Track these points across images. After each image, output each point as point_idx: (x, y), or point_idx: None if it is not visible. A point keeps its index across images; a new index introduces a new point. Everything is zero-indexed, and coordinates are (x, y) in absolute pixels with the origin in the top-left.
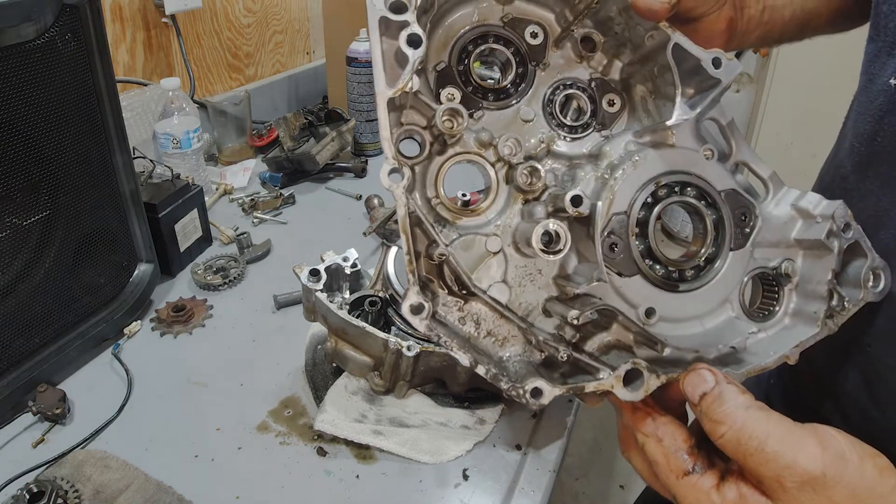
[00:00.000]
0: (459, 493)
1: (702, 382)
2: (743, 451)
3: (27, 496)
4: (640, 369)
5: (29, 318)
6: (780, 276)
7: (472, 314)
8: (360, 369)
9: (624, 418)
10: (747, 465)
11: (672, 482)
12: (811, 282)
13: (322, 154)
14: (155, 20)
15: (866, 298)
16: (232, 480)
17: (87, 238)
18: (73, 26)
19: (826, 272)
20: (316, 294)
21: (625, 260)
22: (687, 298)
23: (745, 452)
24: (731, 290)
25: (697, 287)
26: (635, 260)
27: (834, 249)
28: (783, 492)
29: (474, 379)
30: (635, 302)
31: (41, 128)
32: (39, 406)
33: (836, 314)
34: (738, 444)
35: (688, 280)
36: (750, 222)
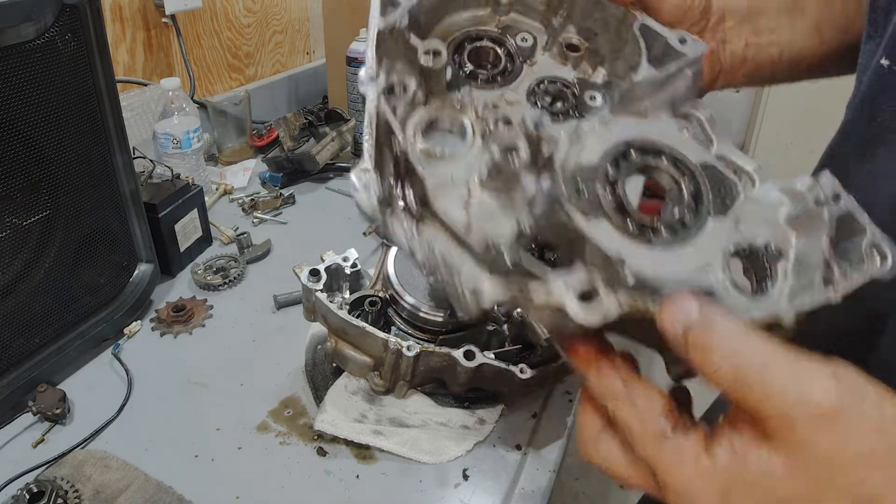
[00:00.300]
0: (459, 493)
1: (683, 312)
2: (742, 386)
3: (27, 496)
4: (597, 286)
5: (29, 318)
6: (770, 253)
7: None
8: (359, 369)
9: (589, 385)
10: (747, 403)
11: (650, 452)
12: (807, 261)
13: (322, 154)
14: (155, 20)
15: (870, 272)
16: (232, 480)
17: (87, 238)
18: (73, 26)
19: (820, 244)
20: (316, 294)
21: (591, 202)
22: (660, 255)
23: (744, 386)
24: (711, 256)
25: (672, 244)
26: (602, 205)
27: (825, 217)
28: (791, 433)
29: (475, 379)
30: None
31: (41, 128)
32: (39, 406)
33: (836, 282)
34: (736, 376)
35: (661, 236)
36: (731, 194)
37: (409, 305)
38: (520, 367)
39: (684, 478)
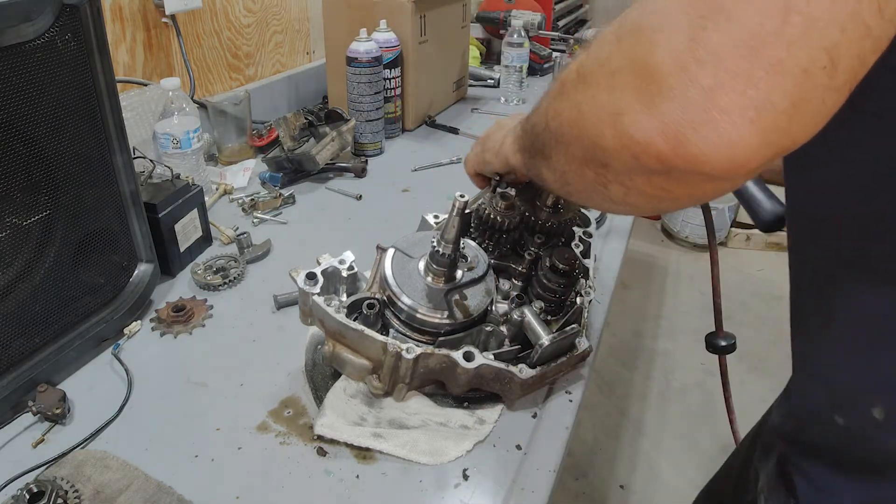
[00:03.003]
0: (459, 493)
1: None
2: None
3: (27, 496)
4: None
5: (29, 318)
6: None
7: None
8: (358, 373)
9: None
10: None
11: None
12: None
13: (322, 154)
14: (155, 20)
15: None
16: (232, 480)
17: (87, 238)
18: (73, 26)
19: None
20: (313, 298)
21: None
22: None
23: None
24: None
25: None
26: None
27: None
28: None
29: (474, 381)
30: None
31: (41, 128)
32: (39, 406)
33: None
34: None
35: None
36: None
37: (407, 307)
38: (519, 367)
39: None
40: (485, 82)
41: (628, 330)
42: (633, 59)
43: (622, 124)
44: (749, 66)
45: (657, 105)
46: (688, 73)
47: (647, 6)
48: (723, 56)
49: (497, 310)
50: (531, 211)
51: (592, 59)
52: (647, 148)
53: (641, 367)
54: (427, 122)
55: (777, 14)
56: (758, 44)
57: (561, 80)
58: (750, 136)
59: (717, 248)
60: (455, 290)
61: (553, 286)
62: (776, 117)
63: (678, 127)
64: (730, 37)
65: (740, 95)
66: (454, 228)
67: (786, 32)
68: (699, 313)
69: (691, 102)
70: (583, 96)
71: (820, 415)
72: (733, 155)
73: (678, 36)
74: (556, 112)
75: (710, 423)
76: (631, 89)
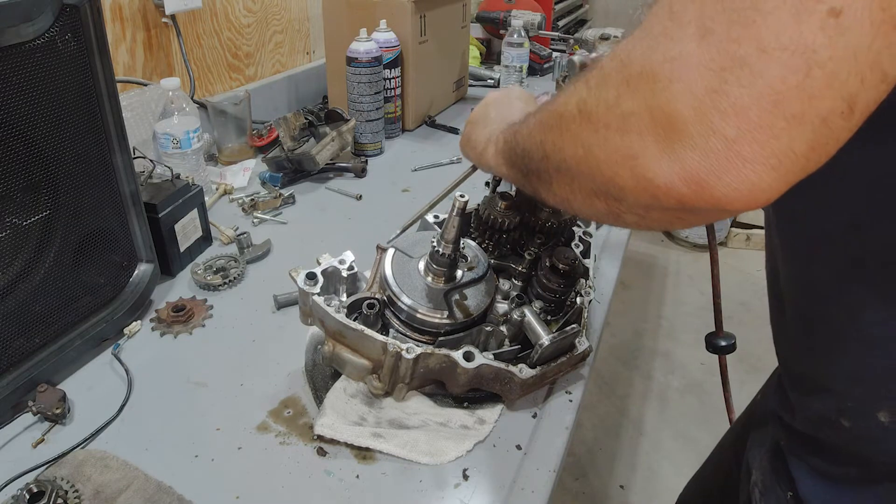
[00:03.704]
0: (459, 493)
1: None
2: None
3: (27, 496)
4: None
5: (29, 318)
6: None
7: None
8: (358, 373)
9: None
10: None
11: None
12: None
13: (322, 154)
14: (155, 20)
15: None
16: (232, 480)
17: (87, 238)
18: (73, 26)
19: None
20: (313, 298)
21: None
22: None
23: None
24: None
25: None
26: None
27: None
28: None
29: (474, 381)
30: None
31: (41, 128)
32: (39, 406)
33: None
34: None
35: None
36: None
37: (407, 307)
38: (519, 367)
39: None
40: (485, 82)
41: (628, 330)
42: (649, 106)
43: (640, 168)
44: (771, 118)
45: (677, 152)
46: (710, 124)
47: (656, 52)
48: (745, 109)
49: (497, 310)
50: (531, 211)
51: (597, 98)
52: (668, 191)
53: (641, 367)
54: (427, 122)
55: (800, 70)
56: (780, 98)
57: (557, 112)
58: (770, 179)
59: (717, 248)
60: (455, 290)
61: (553, 286)
62: (795, 161)
63: (700, 174)
64: (753, 90)
65: (762, 146)
66: (454, 228)
67: (807, 86)
68: (699, 313)
69: (713, 151)
70: (591, 137)
71: (827, 417)
72: (754, 196)
73: (699, 87)
74: (557, 147)
75: (710, 423)
76: (648, 134)
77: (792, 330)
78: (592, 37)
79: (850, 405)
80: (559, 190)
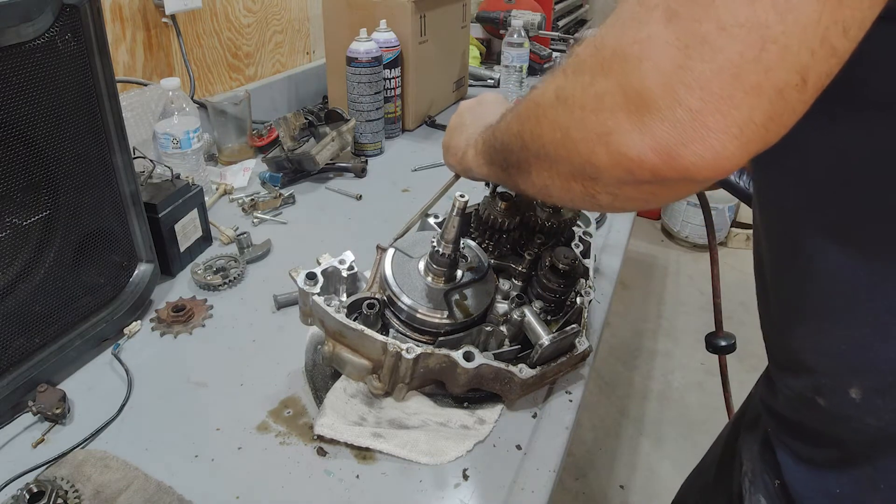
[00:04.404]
0: (459, 493)
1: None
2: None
3: (27, 496)
4: None
5: (29, 318)
6: None
7: None
8: (358, 373)
9: None
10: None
11: None
12: None
13: (322, 154)
14: (155, 20)
15: None
16: (232, 480)
17: (87, 238)
18: (73, 26)
19: None
20: (313, 298)
21: None
22: None
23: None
24: None
25: None
26: None
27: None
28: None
29: (474, 381)
30: None
31: (41, 128)
32: (39, 406)
33: None
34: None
35: None
36: None
37: (407, 307)
38: (519, 367)
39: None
40: (485, 82)
41: (628, 330)
42: (621, 84)
43: (614, 143)
44: (731, 90)
45: (647, 125)
46: (676, 97)
47: (626, 35)
48: (708, 82)
49: (497, 310)
50: (531, 210)
51: (573, 83)
52: (641, 163)
53: (641, 367)
54: (427, 122)
55: (755, 44)
56: (739, 71)
57: (534, 101)
58: (733, 148)
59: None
60: (455, 290)
61: (553, 286)
62: (755, 130)
63: (669, 144)
64: (714, 65)
65: (724, 116)
66: (454, 228)
67: (763, 60)
68: (699, 313)
69: (680, 122)
70: (568, 119)
71: (805, 396)
72: (718, 164)
73: (665, 64)
74: (536, 134)
75: (710, 423)
76: (621, 110)
77: (772, 310)
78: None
79: (824, 382)
80: (538, 178)
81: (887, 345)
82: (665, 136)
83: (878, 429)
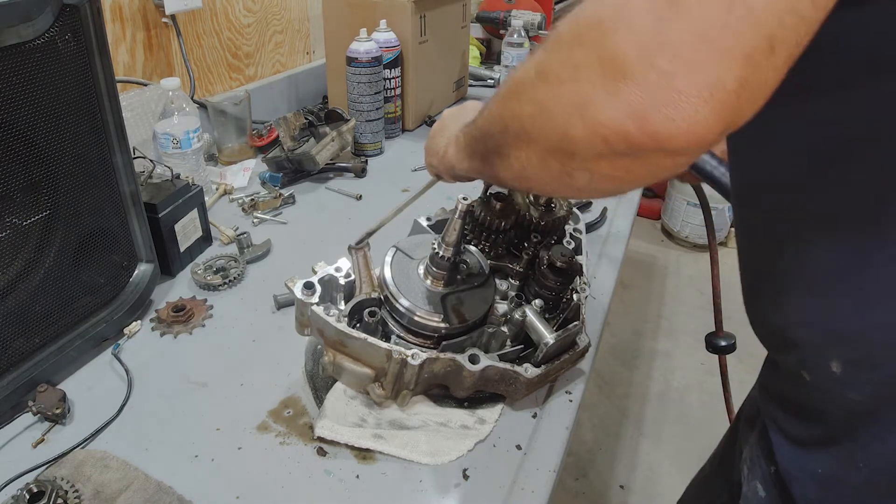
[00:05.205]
0: (459, 493)
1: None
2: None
3: (27, 496)
4: None
5: (29, 318)
6: None
7: None
8: (360, 382)
9: None
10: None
11: None
12: None
13: (322, 154)
14: (155, 20)
15: None
16: (232, 480)
17: (87, 238)
18: (73, 26)
19: None
20: (312, 308)
21: None
22: None
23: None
24: None
25: None
26: None
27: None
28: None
29: (480, 383)
30: None
31: (41, 128)
32: (39, 406)
33: None
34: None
35: None
36: None
37: (405, 309)
38: (524, 367)
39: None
40: (485, 82)
41: (628, 330)
42: (598, 53)
43: (591, 112)
44: (701, 53)
45: (622, 90)
46: (649, 60)
47: (603, 4)
48: (679, 44)
49: (497, 310)
50: (525, 210)
51: (552, 57)
52: (617, 130)
53: (641, 367)
54: (427, 122)
55: (723, 6)
56: (708, 34)
57: (515, 80)
58: (706, 113)
59: (717, 248)
60: (454, 294)
61: (551, 284)
62: (726, 96)
63: (643, 108)
64: (684, 27)
65: (694, 77)
66: (455, 231)
67: (731, 23)
68: (699, 313)
69: (652, 85)
70: (546, 92)
71: (791, 371)
72: (692, 130)
73: (639, 26)
74: (515, 114)
75: (710, 423)
76: (597, 79)
77: (755, 287)
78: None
79: (807, 356)
80: (516, 161)
81: (866, 315)
82: (638, 100)
83: (857, 402)
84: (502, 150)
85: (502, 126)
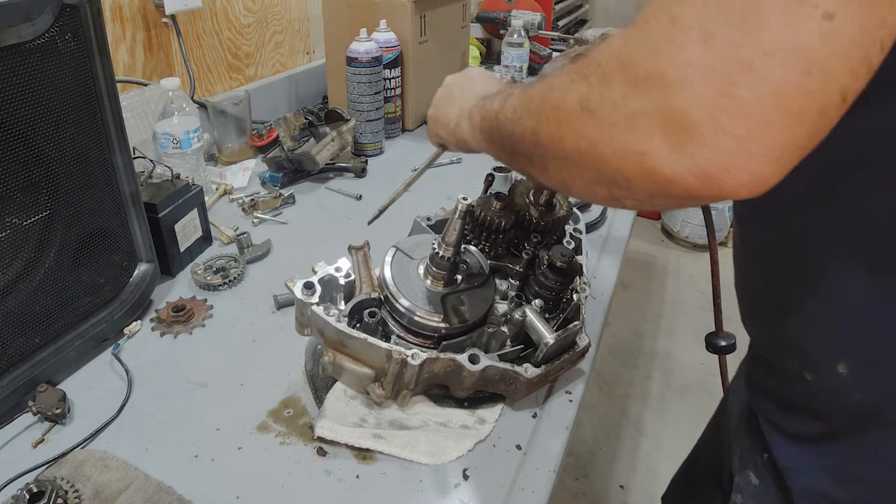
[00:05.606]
0: (459, 493)
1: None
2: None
3: (27, 496)
4: None
5: (29, 318)
6: None
7: None
8: (360, 382)
9: None
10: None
11: None
12: None
13: (322, 154)
14: (155, 20)
15: None
16: (232, 480)
17: (87, 238)
18: (73, 26)
19: None
20: (312, 308)
21: None
22: None
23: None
24: None
25: None
26: None
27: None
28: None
29: (480, 383)
30: None
31: (41, 128)
32: (39, 406)
33: None
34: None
35: None
36: None
37: (405, 309)
38: (525, 367)
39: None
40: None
41: (628, 330)
42: (660, 107)
43: (649, 164)
44: (776, 116)
45: (688, 150)
46: (720, 125)
47: (662, 56)
48: (752, 109)
49: (497, 310)
50: (525, 210)
51: (601, 96)
52: (679, 184)
53: (641, 367)
54: (427, 122)
55: (801, 69)
56: (783, 97)
57: (552, 104)
58: (773, 169)
59: (718, 248)
60: (453, 294)
61: (551, 284)
62: (798, 151)
63: (710, 169)
64: (758, 92)
65: (768, 141)
66: (455, 231)
67: (807, 85)
68: (699, 313)
69: (724, 149)
70: (597, 133)
71: (792, 373)
72: (755, 185)
73: (708, 91)
74: (555, 138)
75: None
76: (657, 133)
77: (758, 297)
78: (592, 37)
79: (813, 359)
80: (556, 175)
81: (877, 316)
82: (706, 162)
83: (863, 402)
84: (536, 161)
85: (536, 141)
